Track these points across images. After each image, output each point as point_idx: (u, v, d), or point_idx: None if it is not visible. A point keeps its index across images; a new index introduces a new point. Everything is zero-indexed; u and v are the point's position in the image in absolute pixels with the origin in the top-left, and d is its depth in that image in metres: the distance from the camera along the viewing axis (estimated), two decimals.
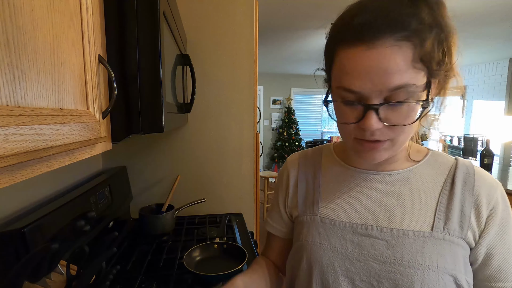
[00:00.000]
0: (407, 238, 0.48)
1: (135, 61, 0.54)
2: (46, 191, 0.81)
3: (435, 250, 0.46)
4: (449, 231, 0.47)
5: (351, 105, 0.44)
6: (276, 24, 3.14)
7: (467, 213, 0.48)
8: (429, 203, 0.50)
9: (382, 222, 0.50)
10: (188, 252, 0.92)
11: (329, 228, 0.53)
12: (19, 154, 0.26)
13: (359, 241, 0.51)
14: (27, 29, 0.27)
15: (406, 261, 0.46)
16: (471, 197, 0.48)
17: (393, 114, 0.42)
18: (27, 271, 0.47)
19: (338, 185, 0.57)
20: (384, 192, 0.53)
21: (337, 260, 0.51)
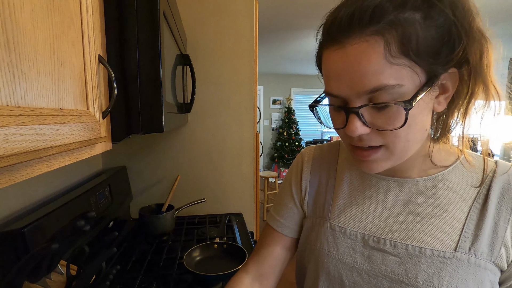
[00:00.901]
0: (424, 257, 0.42)
1: (135, 61, 0.54)
2: (46, 191, 0.81)
3: (456, 273, 0.40)
4: (476, 253, 0.40)
5: (336, 110, 0.41)
6: (276, 24, 3.14)
7: (501, 233, 0.40)
8: (456, 218, 0.43)
9: (397, 236, 0.44)
10: (188, 252, 0.92)
11: (339, 237, 0.49)
12: (19, 154, 0.26)
13: (370, 254, 0.46)
14: (27, 29, 0.27)
15: (420, 282, 0.41)
16: (509, 213, 0.41)
17: (379, 117, 0.38)
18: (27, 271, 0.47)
19: (352, 189, 0.51)
20: (403, 202, 0.46)
21: (345, 271, 0.47)
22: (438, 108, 0.41)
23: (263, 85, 6.44)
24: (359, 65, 0.35)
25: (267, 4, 2.56)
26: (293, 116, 6.36)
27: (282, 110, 6.59)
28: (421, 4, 0.34)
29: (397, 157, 0.41)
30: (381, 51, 0.34)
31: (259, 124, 5.35)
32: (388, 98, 0.36)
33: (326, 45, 0.39)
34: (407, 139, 0.39)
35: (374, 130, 0.38)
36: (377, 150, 0.40)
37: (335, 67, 0.38)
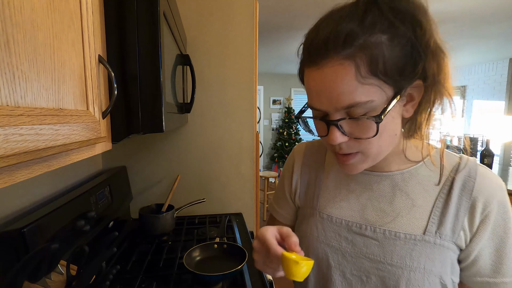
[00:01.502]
0: (398, 240, 0.49)
1: (135, 61, 0.54)
2: (46, 191, 0.81)
3: (424, 253, 0.48)
4: (441, 235, 0.48)
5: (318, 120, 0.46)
6: (276, 24, 3.14)
7: (461, 218, 0.48)
8: (424, 206, 0.50)
9: (377, 222, 0.52)
10: (188, 252, 0.92)
11: (326, 223, 0.56)
12: (19, 154, 0.26)
13: (353, 239, 0.53)
14: (27, 29, 0.27)
15: (395, 261, 0.48)
16: (468, 201, 0.48)
17: (356, 128, 0.43)
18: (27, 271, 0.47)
19: (338, 183, 0.59)
20: (381, 193, 0.54)
21: (331, 253, 0.54)
22: (406, 115, 0.46)
23: (263, 85, 6.44)
24: (335, 85, 0.40)
25: (267, 4, 2.56)
26: (293, 116, 6.36)
27: (282, 110, 6.59)
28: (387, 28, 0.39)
29: (372, 159, 0.48)
30: (353, 73, 0.39)
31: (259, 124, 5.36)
32: (362, 112, 0.41)
33: (306, 64, 0.44)
34: (379, 144, 0.45)
35: (351, 138, 0.44)
36: (354, 155, 0.47)
37: (315, 85, 0.43)
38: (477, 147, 4.93)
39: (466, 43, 3.93)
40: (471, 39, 3.72)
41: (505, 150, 4.87)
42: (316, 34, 0.41)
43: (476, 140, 4.98)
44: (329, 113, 0.43)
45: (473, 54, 4.62)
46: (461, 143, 5.33)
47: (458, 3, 2.57)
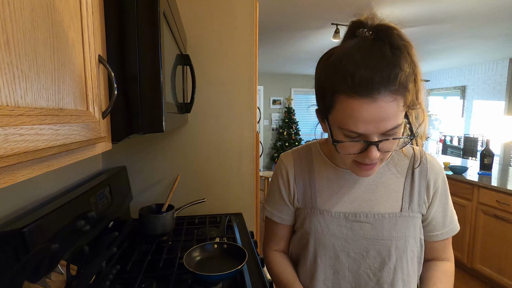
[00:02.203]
0: (384, 219, 0.65)
1: (135, 61, 0.54)
2: (46, 191, 0.81)
3: (403, 224, 0.65)
4: (412, 209, 0.66)
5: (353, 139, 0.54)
6: (276, 24, 3.14)
7: (422, 195, 0.67)
8: (398, 190, 0.67)
9: (366, 209, 0.66)
10: (188, 252, 0.92)
11: (327, 218, 0.68)
12: (19, 154, 0.26)
13: (351, 226, 0.66)
14: (27, 29, 0.27)
15: (385, 235, 0.64)
16: (425, 181, 0.67)
17: (387, 144, 0.54)
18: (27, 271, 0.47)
19: (330, 182, 0.70)
20: (366, 185, 0.68)
21: (336, 241, 0.67)
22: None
23: (263, 85, 6.44)
24: (387, 114, 0.50)
25: (267, 4, 2.56)
26: (293, 116, 6.36)
27: (282, 110, 6.59)
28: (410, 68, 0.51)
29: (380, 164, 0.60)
30: (401, 104, 0.51)
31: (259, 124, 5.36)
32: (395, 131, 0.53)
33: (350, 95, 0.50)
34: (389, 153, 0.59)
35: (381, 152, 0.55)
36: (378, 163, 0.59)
37: (366, 114, 0.50)
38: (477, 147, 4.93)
39: (466, 43, 3.93)
40: (471, 39, 3.72)
41: (505, 150, 4.87)
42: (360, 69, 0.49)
43: (476, 140, 4.97)
44: (371, 136, 0.52)
45: (473, 54, 4.62)
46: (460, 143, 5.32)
47: (458, 3, 2.57)
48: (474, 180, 2.42)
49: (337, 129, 0.56)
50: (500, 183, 2.32)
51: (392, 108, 0.50)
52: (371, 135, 0.52)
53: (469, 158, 4.85)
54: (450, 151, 5.53)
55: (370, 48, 0.51)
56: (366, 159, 0.56)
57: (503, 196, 2.20)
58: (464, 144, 5.18)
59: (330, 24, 3.09)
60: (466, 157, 4.97)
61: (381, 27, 0.52)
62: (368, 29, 0.53)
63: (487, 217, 2.33)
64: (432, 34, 3.50)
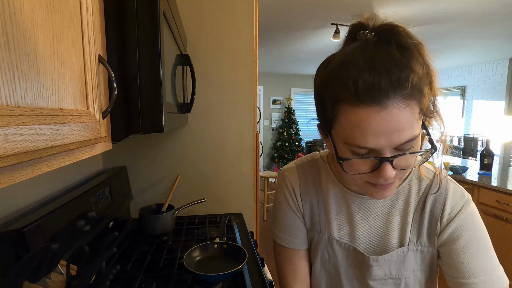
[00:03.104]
0: (393, 258, 0.58)
1: (135, 61, 0.54)
2: (46, 191, 0.81)
3: (413, 260, 0.58)
4: (421, 243, 0.58)
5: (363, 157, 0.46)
6: (276, 24, 3.14)
7: (434, 226, 0.57)
8: (408, 221, 0.58)
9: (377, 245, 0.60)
10: (188, 252, 0.92)
11: (336, 247, 0.62)
12: (19, 154, 0.26)
13: (360, 265, 0.61)
14: (27, 29, 0.27)
15: (394, 274, 0.59)
16: (439, 212, 0.56)
17: (402, 160, 0.46)
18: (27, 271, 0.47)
19: (340, 207, 0.63)
20: (378, 214, 0.60)
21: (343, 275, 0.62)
22: None
23: (263, 85, 6.44)
24: (400, 123, 0.41)
25: (267, 4, 2.56)
26: (293, 116, 6.36)
27: (282, 110, 6.59)
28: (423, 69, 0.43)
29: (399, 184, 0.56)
30: (415, 111, 0.42)
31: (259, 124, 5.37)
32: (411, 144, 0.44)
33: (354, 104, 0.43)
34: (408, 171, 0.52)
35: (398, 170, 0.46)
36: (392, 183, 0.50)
37: (375, 125, 0.42)
38: (477, 147, 4.93)
39: (466, 43, 3.93)
40: (471, 39, 3.72)
41: (505, 150, 4.87)
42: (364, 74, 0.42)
43: (476, 140, 4.98)
44: (383, 151, 0.44)
45: (473, 54, 4.62)
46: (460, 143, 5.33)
47: (458, 3, 2.57)
48: (474, 180, 2.43)
49: (343, 145, 0.47)
50: (500, 183, 2.32)
51: (406, 116, 0.41)
52: (383, 150, 0.44)
53: (469, 158, 4.85)
54: (450, 151, 5.53)
55: (374, 50, 0.43)
56: (380, 179, 0.46)
57: (503, 196, 2.20)
58: (464, 144, 5.18)
59: (330, 24, 3.09)
60: (466, 157, 4.97)
61: (385, 26, 0.45)
62: (370, 30, 0.46)
63: (487, 217, 2.33)
64: (432, 34, 3.50)
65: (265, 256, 1.49)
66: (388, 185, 0.49)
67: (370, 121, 0.42)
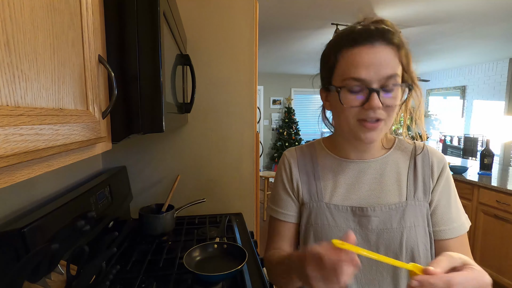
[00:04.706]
0: (392, 210, 0.64)
1: (135, 61, 0.54)
2: (46, 191, 0.81)
3: (411, 213, 0.63)
4: (417, 198, 0.65)
5: (356, 93, 0.57)
6: (276, 24, 3.14)
7: (427, 181, 0.65)
8: (401, 180, 0.66)
9: (373, 201, 0.66)
10: (188, 252, 0.92)
11: (335, 212, 0.67)
12: (19, 154, 0.26)
13: (359, 220, 0.65)
14: (27, 29, 0.27)
15: (394, 226, 0.63)
16: (429, 169, 0.66)
17: (386, 98, 0.56)
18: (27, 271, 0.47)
19: (335, 175, 0.70)
20: (371, 176, 0.67)
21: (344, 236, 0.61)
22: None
23: (263, 85, 6.44)
24: (385, 59, 0.55)
25: (267, 4, 2.56)
26: (293, 116, 6.36)
27: (282, 110, 6.59)
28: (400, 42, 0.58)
29: (386, 129, 0.61)
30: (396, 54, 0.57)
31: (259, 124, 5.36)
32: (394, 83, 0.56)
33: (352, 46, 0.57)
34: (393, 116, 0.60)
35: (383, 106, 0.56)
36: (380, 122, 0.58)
37: (367, 59, 0.55)
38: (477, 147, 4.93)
39: (466, 43, 3.93)
40: (471, 39, 3.72)
41: (505, 150, 4.87)
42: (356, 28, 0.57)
43: (476, 140, 4.97)
44: (371, 82, 0.55)
45: (473, 54, 4.62)
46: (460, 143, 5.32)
47: (458, 3, 2.57)
48: (474, 180, 2.42)
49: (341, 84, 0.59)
50: (500, 183, 2.32)
51: (390, 55, 0.55)
52: (372, 81, 0.55)
53: (469, 158, 4.85)
54: (450, 151, 5.53)
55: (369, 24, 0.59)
56: (370, 112, 0.56)
57: (503, 196, 2.20)
58: (464, 144, 5.18)
59: (330, 24, 3.09)
60: (466, 157, 4.97)
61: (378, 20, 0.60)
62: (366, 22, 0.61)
63: (487, 217, 2.33)
64: (432, 34, 3.50)
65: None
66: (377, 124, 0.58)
67: (362, 55, 0.55)
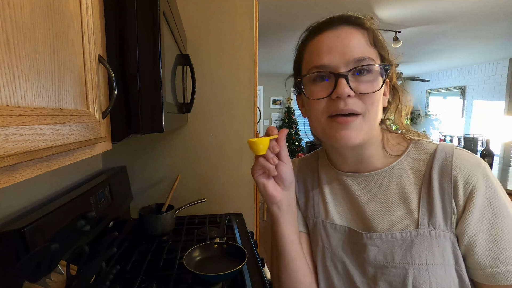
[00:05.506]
0: (395, 241, 0.49)
1: (135, 61, 0.54)
2: (46, 191, 0.81)
3: (423, 247, 0.47)
4: (434, 226, 0.47)
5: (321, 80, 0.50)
6: (276, 24, 3.14)
7: (448, 204, 0.47)
8: (411, 199, 0.50)
9: (372, 226, 0.52)
10: (188, 252, 0.92)
11: (330, 232, 0.57)
12: (19, 154, 0.26)
13: (355, 246, 0.54)
14: (27, 29, 0.27)
15: (397, 262, 0.48)
16: (450, 185, 0.47)
17: (361, 84, 0.47)
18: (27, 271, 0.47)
19: (331, 189, 0.60)
20: (371, 193, 0.54)
21: (339, 262, 0.55)
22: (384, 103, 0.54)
23: (263, 85, 6.44)
24: (350, 40, 0.48)
25: (267, 4, 2.56)
26: (293, 116, 6.36)
27: (282, 110, 6.59)
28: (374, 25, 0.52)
29: (369, 126, 0.49)
30: (364, 36, 0.49)
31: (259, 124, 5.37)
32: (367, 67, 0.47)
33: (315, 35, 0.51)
34: (376, 110, 0.49)
35: (357, 95, 0.47)
36: (356, 117, 0.48)
37: (329, 43, 0.49)
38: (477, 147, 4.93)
39: (466, 43, 3.93)
40: (471, 39, 3.72)
41: (505, 150, 4.87)
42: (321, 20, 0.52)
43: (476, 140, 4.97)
44: (338, 67, 0.47)
45: (473, 54, 4.62)
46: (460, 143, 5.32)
47: (458, 3, 2.57)
48: None
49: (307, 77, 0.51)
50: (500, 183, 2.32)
51: (356, 37, 0.48)
52: (338, 66, 0.47)
53: None
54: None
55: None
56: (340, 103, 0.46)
57: None
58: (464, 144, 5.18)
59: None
60: None
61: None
62: None
63: None
64: (432, 34, 3.50)
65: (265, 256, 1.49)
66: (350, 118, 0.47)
67: (324, 40, 0.49)
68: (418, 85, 6.74)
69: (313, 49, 0.51)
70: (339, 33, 0.49)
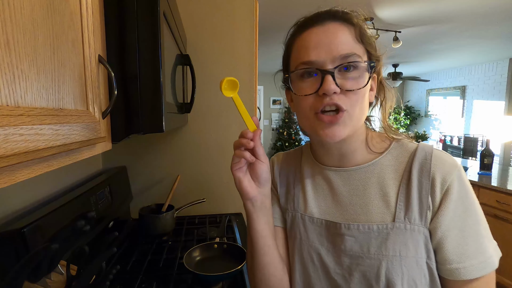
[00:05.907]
0: (372, 232, 0.51)
1: (135, 61, 0.54)
2: (46, 191, 0.81)
3: (398, 240, 0.49)
4: (410, 220, 0.49)
5: (309, 77, 0.50)
6: (276, 24, 3.14)
7: (425, 200, 0.49)
8: (390, 194, 0.52)
9: (351, 218, 0.54)
10: (188, 252, 0.92)
11: (308, 225, 0.58)
12: (19, 154, 0.26)
13: (332, 238, 0.55)
14: (27, 29, 0.27)
15: (372, 253, 0.50)
16: (428, 182, 0.50)
17: (347, 81, 0.48)
18: (27, 271, 0.47)
19: (313, 183, 0.61)
20: (352, 187, 0.56)
21: (315, 254, 0.56)
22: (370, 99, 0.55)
23: (263, 85, 6.44)
24: (337, 36, 0.49)
25: (267, 4, 2.56)
26: (293, 116, 6.36)
27: (282, 110, 6.59)
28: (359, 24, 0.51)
29: (354, 123, 0.50)
30: (351, 32, 0.50)
31: None
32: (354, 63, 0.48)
33: (302, 31, 0.52)
34: (362, 106, 0.50)
35: (343, 91, 0.48)
36: (341, 114, 0.48)
37: (316, 39, 0.49)
38: (477, 147, 4.93)
39: (466, 43, 3.93)
40: (471, 39, 3.72)
41: (505, 150, 4.87)
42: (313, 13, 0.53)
43: (476, 140, 4.97)
44: (324, 63, 0.48)
45: (473, 54, 4.62)
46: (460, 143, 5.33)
47: (458, 3, 2.57)
48: (474, 180, 2.43)
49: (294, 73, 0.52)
50: (500, 183, 2.32)
51: (342, 33, 0.49)
52: (324, 62, 0.48)
53: (469, 158, 4.85)
54: (450, 151, 5.53)
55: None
56: (326, 99, 0.47)
57: (503, 196, 2.20)
58: (464, 144, 5.18)
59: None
60: (466, 157, 4.97)
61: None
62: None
63: (487, 217, 2.31)
64: (432, 34, 3.50)
65: None
66: (336, 116, 0.48)
67: (311, 36, 0.50)
68: (418, 85, 6.74)
69: (300, 45, 0.52)
70: (326, 28, 0.49)
